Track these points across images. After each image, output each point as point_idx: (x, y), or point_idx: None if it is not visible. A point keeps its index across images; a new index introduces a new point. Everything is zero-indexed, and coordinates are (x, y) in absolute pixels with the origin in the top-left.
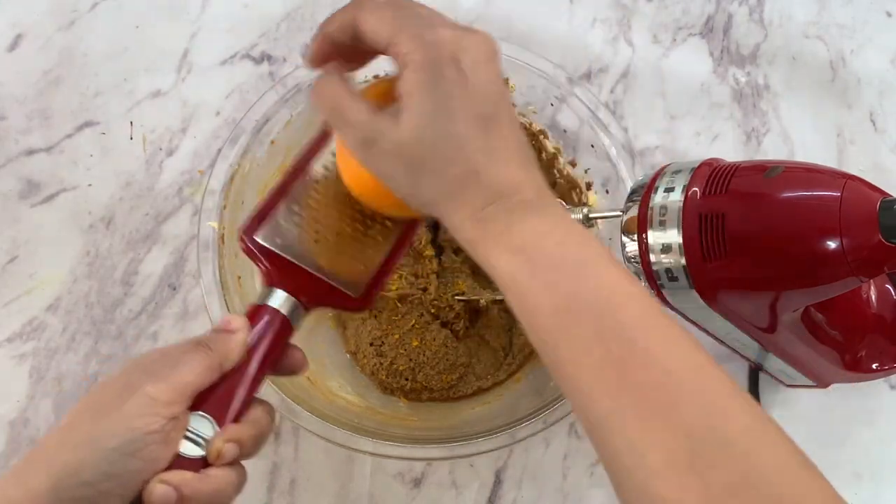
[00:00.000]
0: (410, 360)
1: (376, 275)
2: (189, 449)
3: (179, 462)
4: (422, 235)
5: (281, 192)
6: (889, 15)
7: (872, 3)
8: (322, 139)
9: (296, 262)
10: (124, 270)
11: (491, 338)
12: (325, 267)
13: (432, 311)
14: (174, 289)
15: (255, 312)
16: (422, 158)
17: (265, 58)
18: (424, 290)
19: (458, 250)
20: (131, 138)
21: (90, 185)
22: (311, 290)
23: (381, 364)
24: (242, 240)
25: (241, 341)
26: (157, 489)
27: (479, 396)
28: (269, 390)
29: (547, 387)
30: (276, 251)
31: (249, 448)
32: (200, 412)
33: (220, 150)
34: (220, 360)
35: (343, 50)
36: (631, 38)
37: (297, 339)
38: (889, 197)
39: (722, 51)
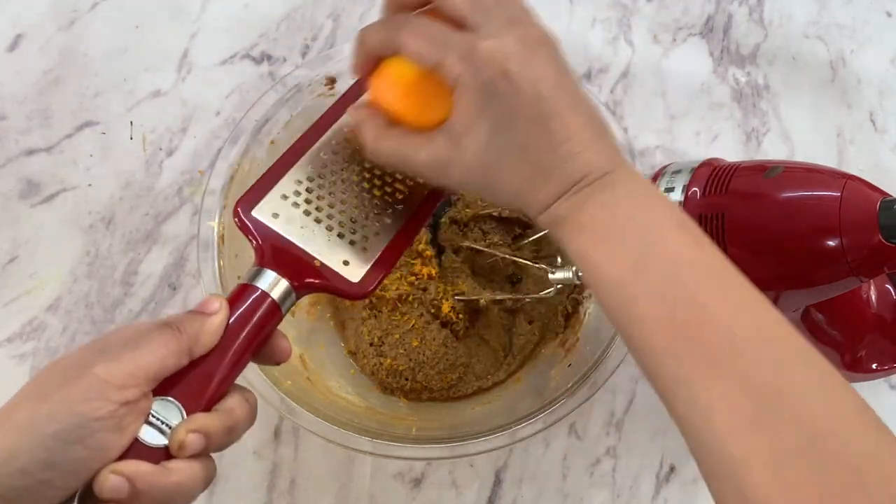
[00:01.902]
0: (410, 360)
1: (378, 261)
2: (151, 436)
3: (138, 450)
4: (422, 235)
5: (284, 167)
6: (889, 15)
7: (872, 3)
8: (330, 115)
9: (293, 242)
10: (124, 270)
11: (491, 338)
12: (325, 249)
13: (432, 311)
14: (174, 289)
15: (241, 293)
16: (490, 175)
17: (265, 58)
18: (424, 290)
19: (458, 250)
20: (131, 138)
21: (90, 185)
22: (307, 273)
23: (381, 364)
24: (237, 212)
25: (216, 325)
26: (108, 480)
27: (479, 396)
28: (268, 390)
29: (547, 387)
30: (273, 228)
31: (219, 440)
32: (168, 397)
33: (220, 150)
34: (189, 344)
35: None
36: (631, 38)
37: (297, 340)
38: (889, 197)
39: (722, 51)
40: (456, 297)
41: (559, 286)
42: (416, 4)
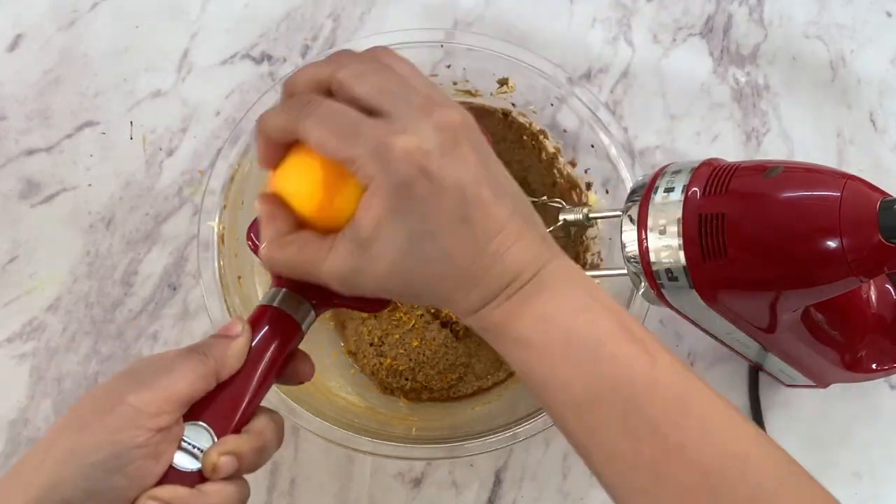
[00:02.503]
0: (410, 360)
1: None
2: (184, 461)
3: (173, 476)
4: None
5: None
6: (889, 15)
7: (872, 3)
8: None
9: None
10: (124, 270)
11: None
12: None
13: (432, 310)
14: (174, 289)
15: (262, 314)
16: (409, 284)
17: (265, 58)
18: None
19: None
20: (131, 138)
21: (90, 185)
22: (325, 290)
23: (381, 364)
24: (251, 237)
25: (240, 348)
26: None
27: (479, 396)
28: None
29: None
30: None
31: (250, 461)
32: (199, 422)
33: (220, 150)
34: (216, 368)
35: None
36: (631, 38)
37: None
38: (889, 197)
39: (722, 51)
40: None
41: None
42: (315, 87)
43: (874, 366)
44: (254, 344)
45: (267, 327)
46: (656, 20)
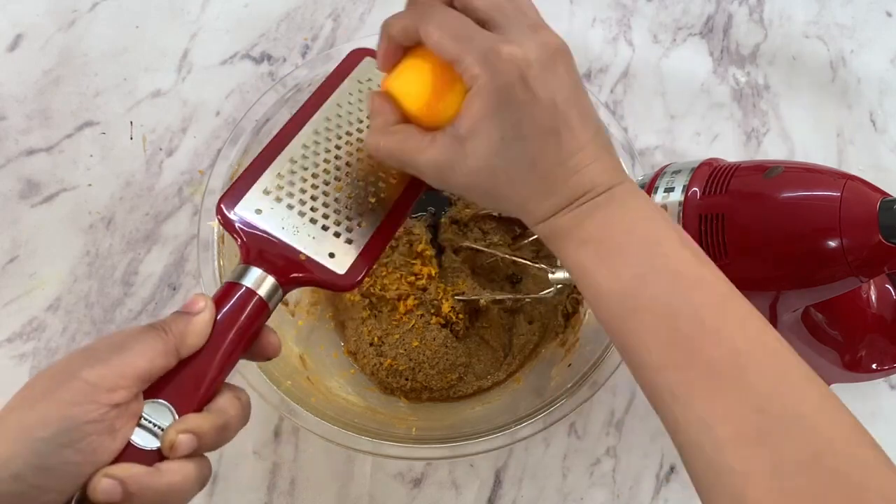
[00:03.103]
0: (410, 360)
1: (364, 252)
2: (143, 439)
3: (131, 453)
4: (422, 235)
5: (265, 161)
6: (889, 15)
7: (872, 3)
8: (310, 106)
9: (277, 237)
10: (124, 270)
11: (491, 338)
12: (310, 242)
13: (432, 311)
14: (174, 289)
15: (228, 291)
16: (493, 183)
17: (265, 58)
18: (424, 290)
19: (458, 250)
20: (131, 138)
21: (90, 185)
22: (292, 269)
23: (381, 364)
24: (220, 210)
25: (202, 324)
26: (101, 484)
27: (479, 396)
28: (268, 390)
29: (547, 387)
30: (256, 224)
31: (211, 439)
32: (159, 399)
33: (220, 150)
34: (176, 345)
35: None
36: (631, 38)
37: (297, 340)
38: (889, 197)
39: (722, 51)
40: (456, 297)
41: (559, 286)
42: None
43: (874, 366)
44: (218, 320)
45: (232, 304)
46: (656, 20)
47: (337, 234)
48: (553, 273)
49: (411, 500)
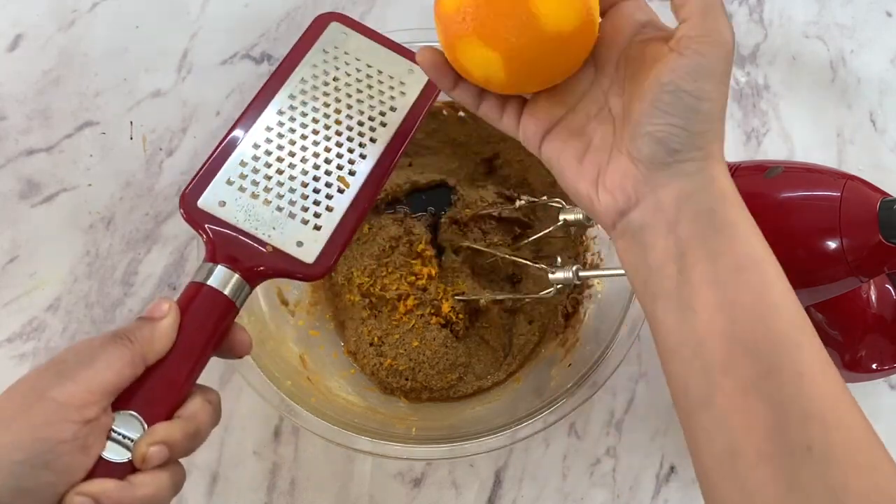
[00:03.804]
0: (410, 360)
1: (332, 238)
2: (114, 452)
3: (103, 468)
4: (422, 235)
5: (226, 150)
6: (889, 15)
7: (872, 3)
8: (272, 84)
9: (242, 229)
10: (124, 270)
11: (491, 338)
12: (276, 232)
13: (432, 311)
14: (174, 289)
15: (192, 293)
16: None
17: (265, 58)
18: (424, 290)
19: (458, 250)
20: (131, 138)
21: (90, 185)
22: (259, 263)
23: (381, 364)
24: (184, 204)
25: (167, 330)
26: (74, 502)
27: (479, 396)
28: (268, 390)
29: (547, 387)
30: (221, 217)
31: (183, 447)
32: (128, 410)
33: None
34: (143, 352)
35: None
36: None
37: (297, 340)
38: (889, 197)
39: None
40: (456, 297)
41: (559, 286)
42: None
43: (874, 366)
44: (184, 323)
45: (197, 305)
46: None
47: (304, 221)
48: (553, 273)
49: (411, 500)
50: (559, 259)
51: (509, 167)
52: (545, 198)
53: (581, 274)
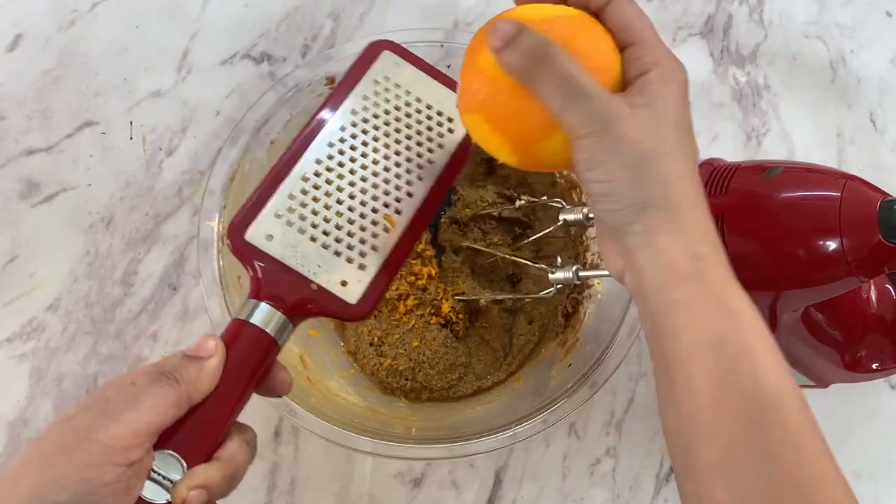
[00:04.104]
0: (410, 360)
1: (376, 279)
2: (153, 493)
3: None
4: (422, 235)
5: (275, 181)
6: (889, 15)
7: (872, 3)
8: (323, 114)
9: (289, 266)
10: (124, 270)
11: (491, 338)
12: (321, 271)
13: (432, 311)
14: (174, 289)
15: (236, 331)
16: (653, 159)
17: (265, 58)
18: (424, 290)
19: (458, 250)
20: (131, 138)
21: (90, 185)
22: (304, 301)
23: (381, 364)
24: (231, 237)
25: (213, 369)
26: None
27: (479, 396)
28: None
29: (547, 387)
30: (268, 252)
31: (221, 490)
32: (168, 450)
33: (220, 150)
34: (188, 392)
35: None
36: None
37: (297, 340)
38: (889, 197)
39: (722, 51)
40: (456, 297)
41: (559, 286)
42: None
43: (874, 366)
44: (227, 362)
45: (241, 344)
46: (656, 20)
47: (350, 260)
48: (553, 273)
49: (411, 500)
50: (559, 259)
51: (509, 167)
52: (545, 198)
53: (581, 274)
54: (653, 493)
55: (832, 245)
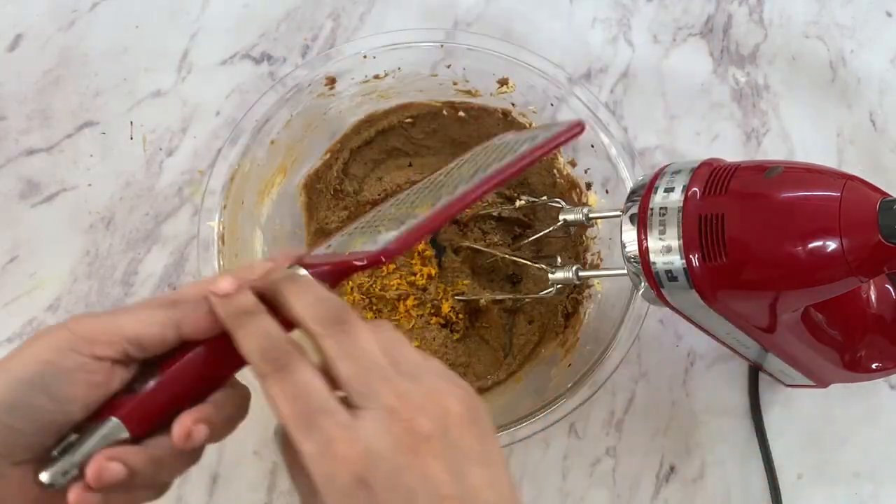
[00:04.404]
0: None
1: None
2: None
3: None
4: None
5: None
6: (889, 15)
7: (872, 3)
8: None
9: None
10: (124, 270)
11: (491, 338)
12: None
13: (432, 311)
14: (174, 289)
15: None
16: None
17: (265, 58)
18: (424, 290)
19: (458, 250)
20: (131, 138)
21: (90, 185)
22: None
23: None
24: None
25: (210, 307)
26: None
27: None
28: None
29: (547, 387)
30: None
31: (221, 430)
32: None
33: (220, 150)
34: (179, 319)
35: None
36: (631, 38)
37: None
38: (889, 197)
39: (722, 51)
40: (456, 297)
41: (559, 286)
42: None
43: (874, 366)
44: (204, 346)
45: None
46: (656, 20)
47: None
48: (553, 273)
49: None
50: (559, 259)
51: None
52: (545, 198)
53: (581, 274)
54: (653, 493)
55: (832, 245)
